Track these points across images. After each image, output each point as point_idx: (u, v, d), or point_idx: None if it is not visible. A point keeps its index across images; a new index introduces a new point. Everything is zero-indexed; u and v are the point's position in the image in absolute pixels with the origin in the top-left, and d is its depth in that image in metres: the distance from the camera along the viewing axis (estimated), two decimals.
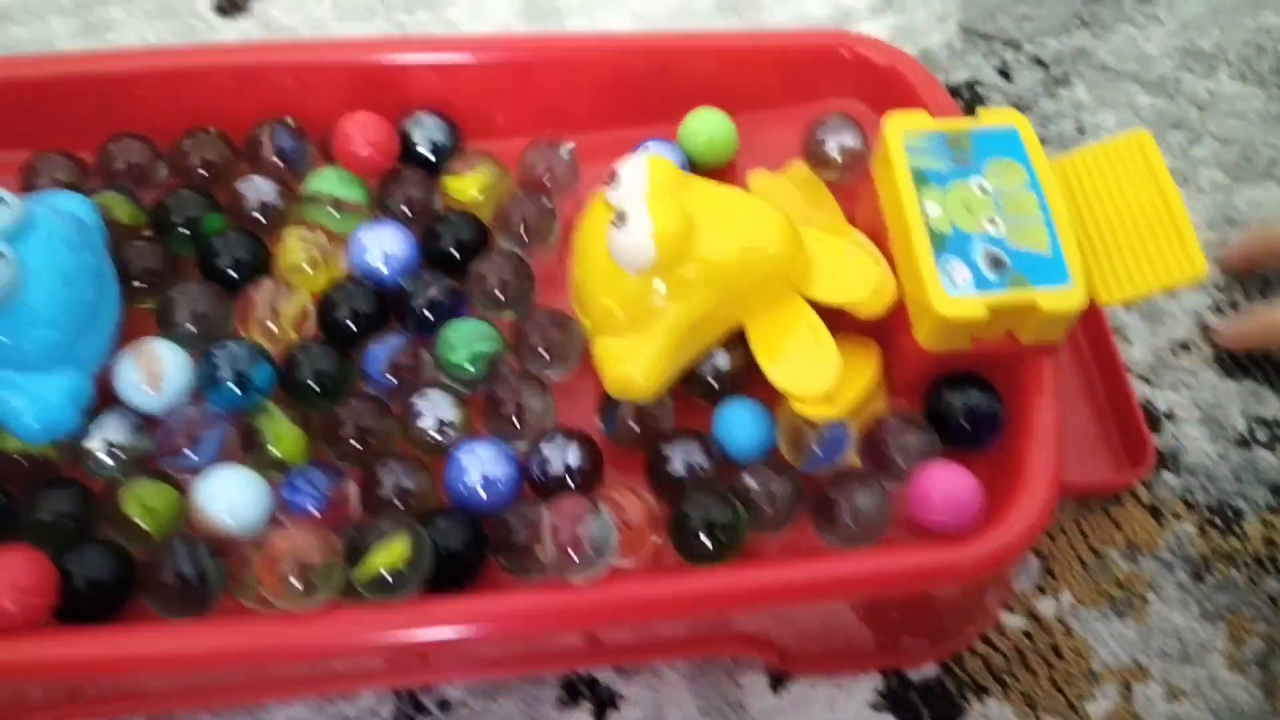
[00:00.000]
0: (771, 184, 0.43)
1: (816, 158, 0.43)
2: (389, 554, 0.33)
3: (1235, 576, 0.42)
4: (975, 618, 0.40)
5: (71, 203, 0.38)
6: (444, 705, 0.38)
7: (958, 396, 0.37)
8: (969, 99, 0.53)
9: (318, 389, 0.37)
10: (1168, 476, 0.44)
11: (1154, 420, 0.45)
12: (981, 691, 0.40)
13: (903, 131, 0.38)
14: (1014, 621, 0.41)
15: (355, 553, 0.33)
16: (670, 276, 0.36)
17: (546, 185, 0.42)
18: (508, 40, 0.45)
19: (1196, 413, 0.45)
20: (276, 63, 0.42)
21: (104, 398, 0.36)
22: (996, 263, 0.36)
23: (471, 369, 0.38)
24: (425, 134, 0.42)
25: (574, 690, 0.39)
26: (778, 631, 0.38)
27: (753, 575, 0.34)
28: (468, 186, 0.42)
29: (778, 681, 0.39)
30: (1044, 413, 0.36)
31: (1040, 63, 0.55)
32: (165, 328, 0.39)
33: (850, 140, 0.42)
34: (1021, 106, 0.53)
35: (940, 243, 0.36)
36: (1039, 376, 0.37)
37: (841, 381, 0.36)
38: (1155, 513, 0.43)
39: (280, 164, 0.41)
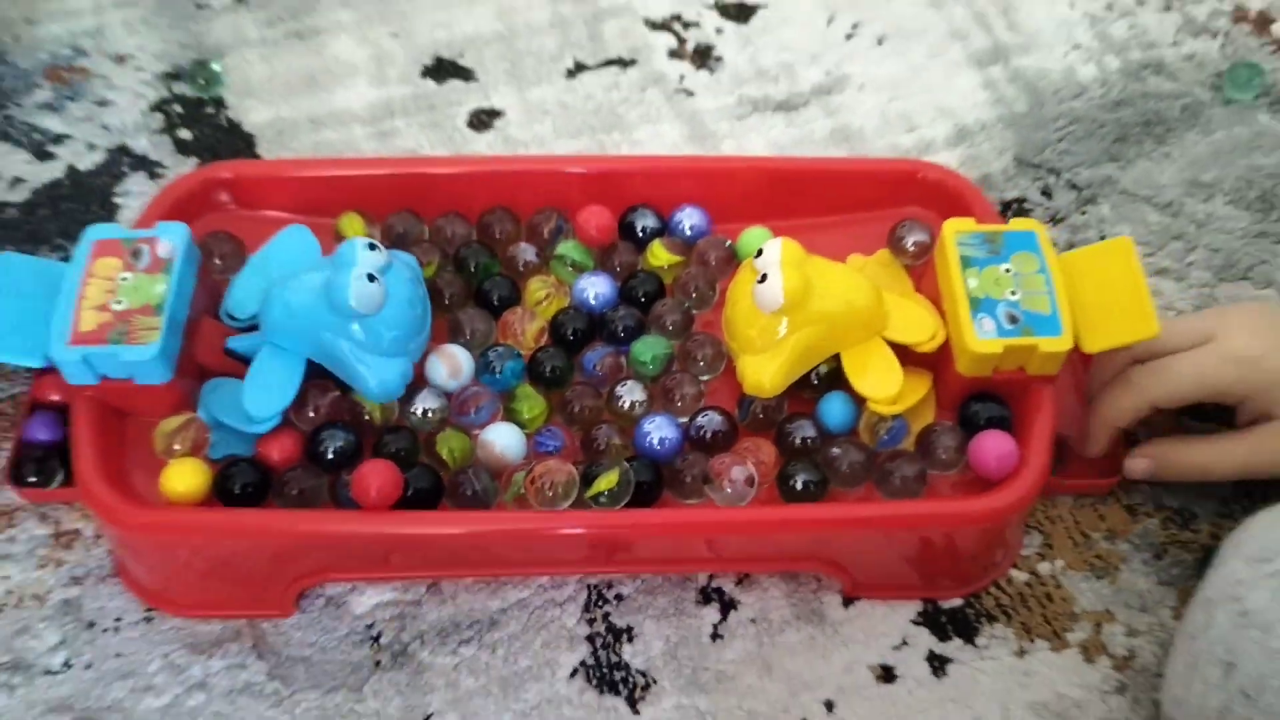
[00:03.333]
0: (863, 264, 0.61)
1: (897, 248, 0.61)
2: (608, 481, 0.52)
3: (1186, 558, 0.58)
4: (991, 569, 0.57)
5: (404, 255, 0.58)
6: (619, 597, 0.57)
7: (982, 408, 0.55)
8: (1017, 211, 0.72)
9: (552, 377, 0.57)
10: (1143, 485, 0.60)
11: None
12: (992, 619, 0.56)
13: (956, 231, 0.57)
14: (1020, 575, 0.58)
15: (587, 478, 0.52)
16: (792, 316, 0.54)
17: (712, 265, 0.62)
18: (694, 159, 0.65)
19: None
20: (549, 169, 0.64)
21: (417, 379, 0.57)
22: (1013, 319, 0.54)
23: (652, 367, 0.57)
24: (642, 221, 0.63)
25: (707, 595, 0.57)
26: (851, 563, 0.55)
27: (830, 512, 0.53)
28: (664, 257, 0.61)
29: (848, 601, 0.57)
30: (1042, 421, 0.54)
31: (1075, 186, 0.73)
32: (454, 336, 0.59)
33: (922, 236, 0.61)
34: (1058, 219, 0.71)
35: (976, 304, 0.54)
36: (1040, 398, 0.54)
37: (903, 392, 0.54)
38: (1130, 510, 0.60)
39: (548, 239, 0.62)
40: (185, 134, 0.74)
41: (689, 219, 0.63)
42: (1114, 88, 0.77)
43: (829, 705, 0.54)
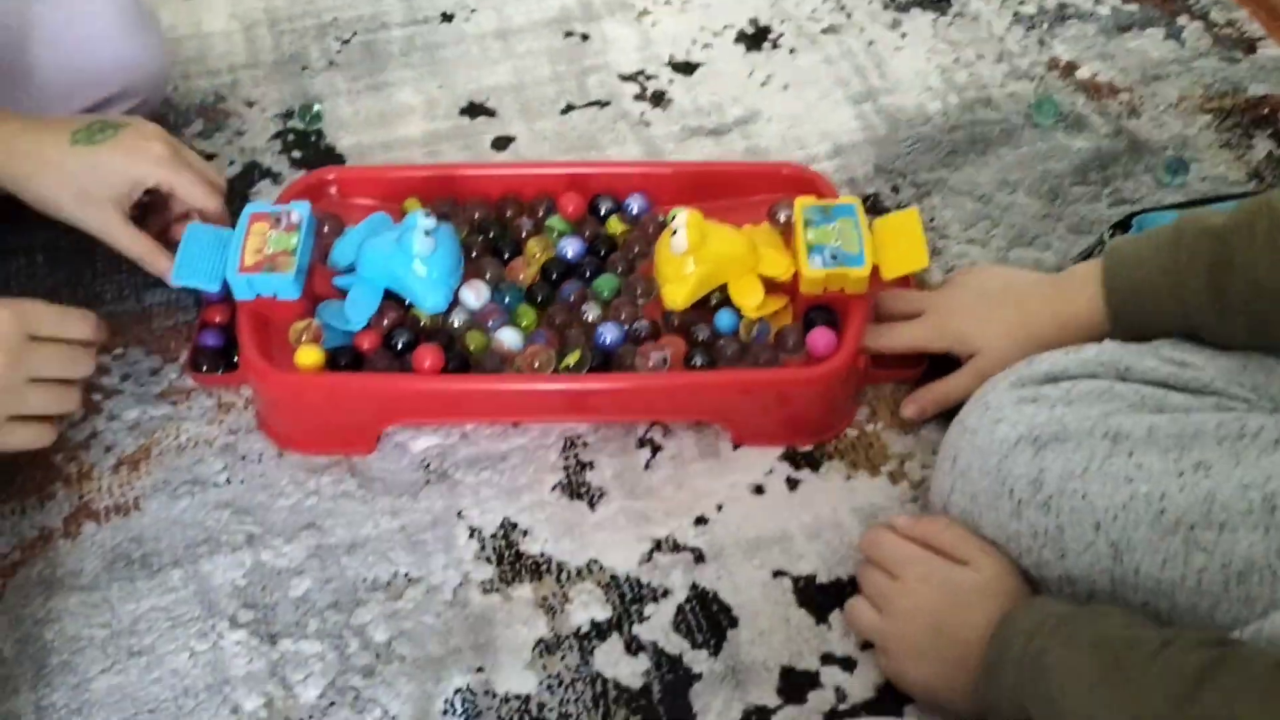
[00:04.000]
0: (753, 230, 0.92)
1: (773, 220, 0.92)
2: (573, 357, 0.83)
3: None
4: (834, 426, 0.87)
5: (447, 225, 0.89)
6: (585, 444, 0.87)
7: (818, 314, 0.85)
8: (873, 200, 1.02)
9: (541, 302, 0.88)
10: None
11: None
12: (830, 458, 0.86)
13: (803, 204, 0.87)
14: (852, 432, 0.87)
15: (560, 354, 0.83)
16: (695, 256, 0.85)
17: (650, 233, 0.92)
18: (643, 163, 0.97)
19: None
20: (543, 173, 0.95)
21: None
22: (835, 257, 0.84)
23: (607, 295, 0.88)
24: (604, 204, 0.94)
25: (643, 441, 0.86)
26: (739, 420, 0.85)
27: (713, 376, 0.83)
28: (618, 227, 0.92)
29: (736, 446, 0.86)
30: (855, 323, 0.84)
31: (916, 185, 1.03)
32: (479, 275, 0.90)
33: (789, 212, 0.91)
34: (901, 205, 1.01)
35: (810, 249, 0.84)
36: (855, 308, 0.84)
37: (766, 305, 0.85)
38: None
39: (541, 216, 0.93)
40: (296, 154, 1.06)
41: (636, 203, 0.94)
42: (952, 117, 1.08)
43: (719, 507, 0.83)
